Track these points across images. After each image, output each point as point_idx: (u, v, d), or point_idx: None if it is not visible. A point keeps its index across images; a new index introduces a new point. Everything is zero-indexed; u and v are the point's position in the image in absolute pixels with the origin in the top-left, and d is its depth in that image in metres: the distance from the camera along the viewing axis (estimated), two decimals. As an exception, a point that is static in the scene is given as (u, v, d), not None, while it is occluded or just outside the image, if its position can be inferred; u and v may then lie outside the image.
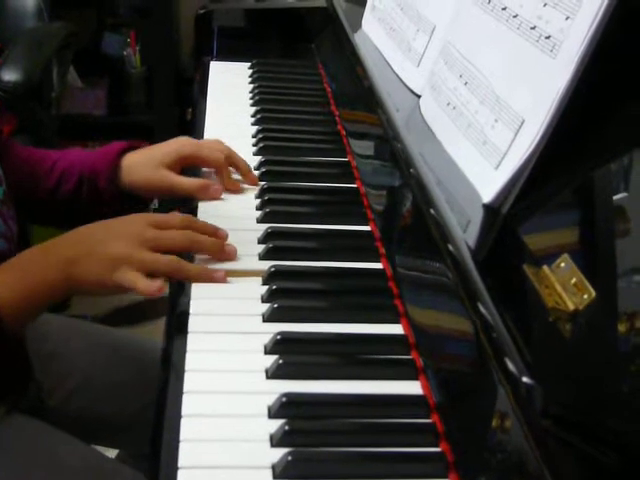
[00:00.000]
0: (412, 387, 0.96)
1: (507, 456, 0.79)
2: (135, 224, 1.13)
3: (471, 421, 0.87)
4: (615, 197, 0.88)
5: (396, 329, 1.05)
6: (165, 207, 2.90)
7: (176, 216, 1.17)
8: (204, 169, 1.39)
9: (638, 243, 0.82)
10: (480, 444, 0.84)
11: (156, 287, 1.06)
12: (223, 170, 1.37)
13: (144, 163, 1.36)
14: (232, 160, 1.38)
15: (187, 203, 1.33)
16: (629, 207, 0.85)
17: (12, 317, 1.08)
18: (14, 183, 1.34)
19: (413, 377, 0.97)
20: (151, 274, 1.08)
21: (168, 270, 1.10)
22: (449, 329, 0.97)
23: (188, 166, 1.38)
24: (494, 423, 0.81)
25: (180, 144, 1.38)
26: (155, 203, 2.95)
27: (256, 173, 1.41)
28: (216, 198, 1.32)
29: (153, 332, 1.22)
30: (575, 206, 0.94)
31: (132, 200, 1.39)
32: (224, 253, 1.15)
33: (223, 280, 1.11)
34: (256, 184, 1.38)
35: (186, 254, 1.14)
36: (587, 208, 0.91)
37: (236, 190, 1.36)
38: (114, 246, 1.10)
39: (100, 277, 1.08)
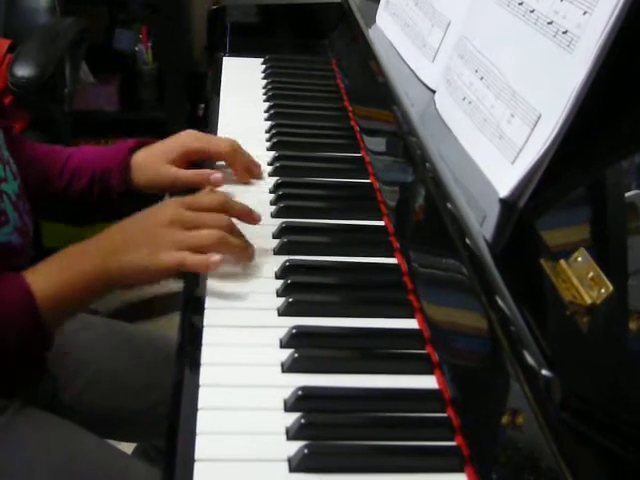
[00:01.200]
0: (427, 381, 0.96)
1: (524, 450, 0.79)
2: (169, 208, 1.12)
3: (487, 415, 0.87)
4: (628, 194, 0.88)
5: (411, 324, 1.05)
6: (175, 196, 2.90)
7: (210, 197, 1.16)
8: (218, 162, 1.39)
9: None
10: (496, 438, 0.84)
11: (209, 261, 1.06)
12: (232, 161, 1.37)
13: (150, 161, 1.37)
14: (238, 152, 1.39)
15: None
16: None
17: (49, 309, 1.08)
18: (28, 180, 1.35)
19: (428, 371, 0.97)
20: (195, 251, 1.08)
21: (214, 242, 1.09)
22: (464, 323, 0.97)
23: (196, 160, 1.38)
24: (510, 417, 0.81)
25: (186, 139, 1.38)
26: (166, 196, 2.94)
27: (270, 168, 1.41)
28: (218, 186, 1.32)
29: (165, 327, 1.22)
30: (590, 203, 0.93)
31: (142, 199, 1.39)
32: (246, 255, 1.14)
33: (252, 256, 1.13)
34: (260, 174, 1.40)
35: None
36: (602, 205, 0.91)
37: (246, 180, 1.37)
38: (151, 231, 1.09)
39: (141, 262, 1.07)
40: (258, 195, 1.34)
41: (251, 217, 1.18)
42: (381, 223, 1.27)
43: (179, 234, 1.09)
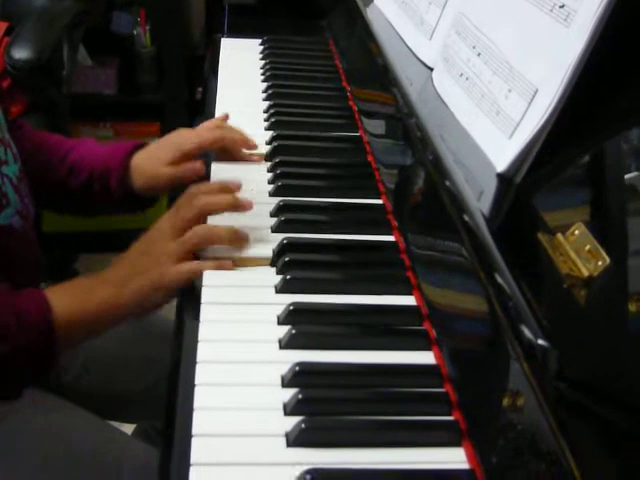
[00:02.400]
0: (425, 357, 0.96)
1: (521, 423, 0.79)
2: (161, 225, 1.14)
3: (485, 390, 0.87)
4: (627, 176, 0.88)
5: (409, 300, 1.05)
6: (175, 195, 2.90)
7: (189, 209, 1.16)
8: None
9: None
10: (494, 412, 0.84)
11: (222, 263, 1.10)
12: (227, 141, 1.37)
13: (148, 164, 1.37)
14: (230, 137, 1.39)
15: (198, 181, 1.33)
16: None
17: (62, 331, 1.08)
18: (29, 166, 1.35)
19: (426, 347, 0.97)
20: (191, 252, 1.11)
21: (199, 241, 1.12)
22: (462, 299, 0.97)
23: (188, 160, 1.38)
24: (507, 391, 0.81)
25: (179, 140, 1.37)
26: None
27: (268, 147, 1.41)
28: (199, 174, 1.32)
29: (164, 307, 1.22)
30: (587, 179, 0.93)
31: (140, 200, 1.40)
32: (240, 206, 1.17)
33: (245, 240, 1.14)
34: (254, 147, 1.40)
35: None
36: (599, 182, 0.91)
37: (252, 147, 1.39)
38: (151, 252, 1.12)
39: (151, 284, 1.09)
40: (256, 174, 1.34)
41: (238, 204, 1.18)
42: (379, 201, 1.27)
43: (172, 244, 1.11)
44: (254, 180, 1.31)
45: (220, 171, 1.35)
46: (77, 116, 2.96)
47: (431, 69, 1.27)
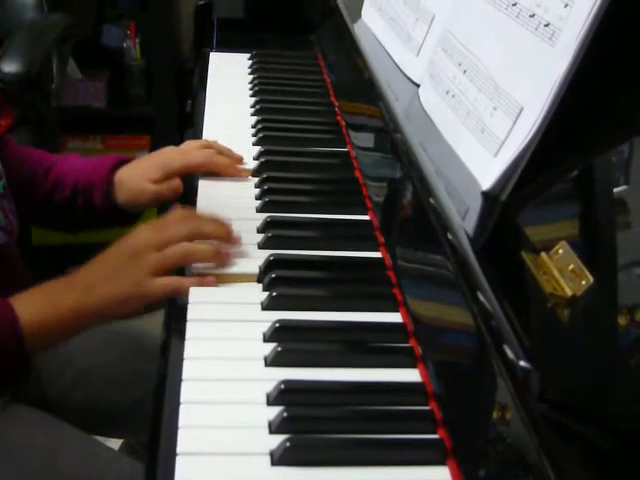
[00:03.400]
0: (411, 375, 0.96)
1: (506, 442, 0.79)
2: (140, 234, 1.13)
3: (470, 408, 0.87)
4: (616, 190, 0.88)
5: (395, 317, 1.05)
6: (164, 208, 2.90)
7: (177, 228, 1.15)
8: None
9: (638, 236, 0.82)
10: (479, 431, 0.84)
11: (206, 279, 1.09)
12: (214, 164, 1.37)
13: (132, 179, 1.37)
14: (213, 148, 1.40)
15: (186, 194, 1.33)
16: (630, 200, 0.85)
17: (31, 337, 1.08)
18: (13, 181, 1.34)
19: (412, 365, 0.97)
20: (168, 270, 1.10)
21: (180, 258, 1.11)
22: (448, 317, 0.97)
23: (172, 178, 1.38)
24: (492, 410, 0.81)
25: (166, 159, 1.37)
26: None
27: (255, 163, 1.41)
28: (177, 193, 1.33)
29: (151, 324, 1.22)
30: (575, 199, 0.94)
31: (124, 215, 1.40)
32: (230, 238, 1.15)
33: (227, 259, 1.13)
34: (242, 162, 1.41)
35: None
36: (587, 201, 0.91)
37: (236, 174, 1.38)
38: (127, 260, 1.10)
39: (123, 293, 1.08)
40: (243, 190, 1.34)
41: (228, 237, 1.17)
42: (366, 217, 1.27)
43: (153, 256, 1.09)
44: (241, 196, 1.31)
45: (207, 186, 1.35)
46: (67, 129, 2.96)
47: (418, 85, 1.28)
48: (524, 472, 0.74)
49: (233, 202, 1.29)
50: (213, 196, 1.31)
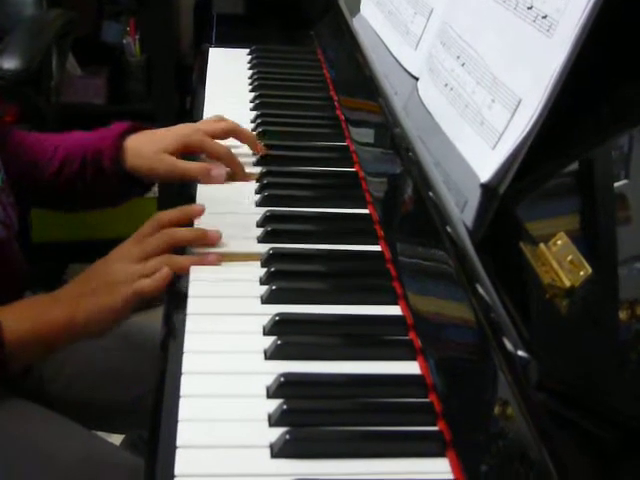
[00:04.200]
0: (410, 367, 0.96)
1: (505, 434, 0.79)
2: (120, 249, 1.14)
3: (469, 400, 0.87)
4: (616, 184, 0.88)
5: (394, 310, 1.05)
6: (165, 193, 2.90)
7: (157, 239, 1.15)
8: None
9: (637, 230, 0.82)
10: (478, 422, 0.84)
11: (163, 274, 1.08)
12: (228, 162, 1.36)
13: (149, 147, 1.35)
14: (236, 134, 1.38)
15: (185, 188, 1.33)
16: (630, 194, 0.85)
17: (13, 349, 1.08)
18: (16, 170, 1.34)
19: (411, 357, 0.97)
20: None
21: (168, 241, 1.13)
22: (447, 309, 0.97)
23: (190, 154, 1.38)
24: (492, 401, 0.81)
25: (186, 132, 1.37)
26: (155, 192, 2.95)
27: (254, 157, 1.41)
28: (219, 182, 1.32)
29: (151, 320, 1.23)
30: (573, 192, 0.94)
31: (134, 182, 1.39)
32: (208, 238, 1.15)
33: (215, 262, 1.12)
34: (264, 152, 1.40)
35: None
36: (586, 195, 0.91)
37: (246, 179, 1.36)
38: (107, 273, 1.11)
39: (103, 304, 1.09)
40: (243, 184, 1.34)
41: (204, 239, 1.17)
42: (366, 211, 1.27)
43: (129, 267, 1.10)
44: (241, 190, 1.31)
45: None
46: (66, 126, 2.93)
47: (416, 79, 1.28)
48: (523, 463, 0.74)
49: (233, 196, 1.29)
50: (213, 189, 1.31)
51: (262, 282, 1.08)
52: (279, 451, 0.83)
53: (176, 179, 1.35)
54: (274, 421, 0.86)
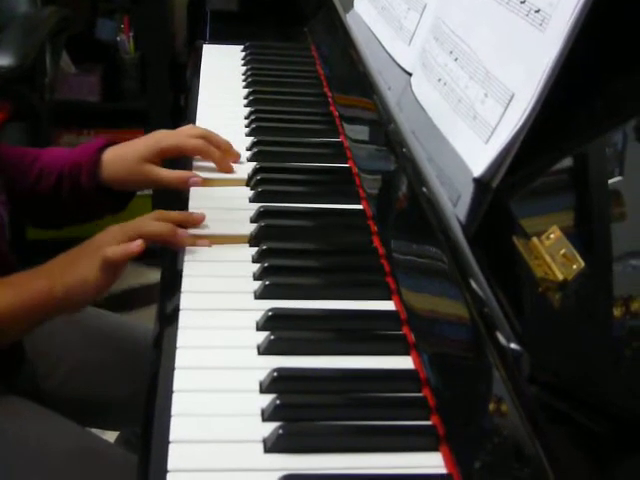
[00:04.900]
0: (403, 362, 0.96)
1: (498, 428, 0.79)
2: (109, 233, 1.15)
3: (462, 394, 0.87)
4: (610, 181, 0.88)
5: (388, 305, 1.05)
6: (159, 190, 2.89)
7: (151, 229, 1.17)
8: (196, 157, 1.39)
9: (632, 227, 0.82)
10: (471, 417, 0.84)
11: (137, 244, 1.10)
12: (208, 154, 1.36)
13: (125, 157, 1.36)
14: (211, 141, 1.38)
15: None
16: (624, 191, 0.85)
17: (6, 323, 1.11)
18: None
19: (404, 352, 0.97)
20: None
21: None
22: (440, 304, 0.97)
23: (169, 158, 1.38)
24: (485, 396, 0.81)
25: (159, 137, 1.37)
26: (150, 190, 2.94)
27: (248, 154, 1.41)
28: (197, 186, 1.32)
29: (145, 318, 1.23)
30: (568, 190, 0.94)
31: (112, 196, 1.39)
32: (193, 218, 1.18)
33: (207, 245, 1.14)
34: (238, 159, 1.40)
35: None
36: (579, 189, 0.91)
37: (228, 170, 1.36)
38: (91, 250, 1.12)
39: (81, 275, 1.11)
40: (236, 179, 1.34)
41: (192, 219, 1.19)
42: (359, 207, 1.27)
43: (110, 240, 1.12)
44: (235, 187, 1.31)
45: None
46: (60, 123, 2.95)
47: (410, 74, 1.28)
48: (517, 457, 0.74)
49: (226, 192, 1.29)
50: (205, 186, 1.31)
51: (255, 277, 1.08)
52: (272, 446, 0.83)
53: (154, 187, 1.36)
54: (267, 416, 0.86)
